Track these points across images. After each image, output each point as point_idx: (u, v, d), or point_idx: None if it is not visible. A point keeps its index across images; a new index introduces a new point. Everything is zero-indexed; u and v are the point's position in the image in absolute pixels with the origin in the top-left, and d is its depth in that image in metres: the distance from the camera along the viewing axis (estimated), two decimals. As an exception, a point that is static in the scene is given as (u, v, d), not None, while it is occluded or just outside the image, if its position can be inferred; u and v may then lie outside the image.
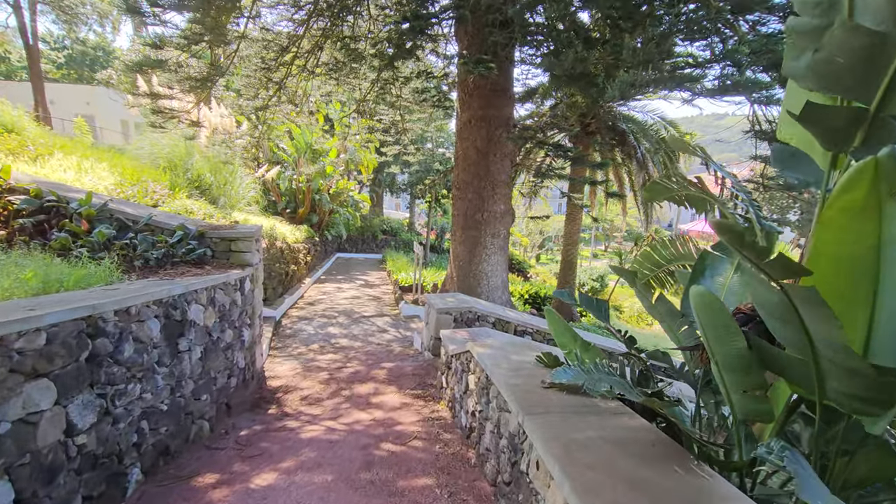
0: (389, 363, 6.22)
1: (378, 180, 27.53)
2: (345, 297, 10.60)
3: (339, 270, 15.34)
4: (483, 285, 9.22)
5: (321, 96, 14.71)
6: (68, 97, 23.08)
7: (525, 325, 6.49)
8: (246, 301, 5.05)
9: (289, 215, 15.69)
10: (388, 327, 8.17)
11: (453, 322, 6.17)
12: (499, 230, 9.33)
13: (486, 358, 3.26)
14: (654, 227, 14.13)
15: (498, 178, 9.14)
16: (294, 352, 6.66)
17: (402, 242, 22.84)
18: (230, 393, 4.48)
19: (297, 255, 11.19)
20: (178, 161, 10.50)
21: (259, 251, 5.65)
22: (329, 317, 8.59)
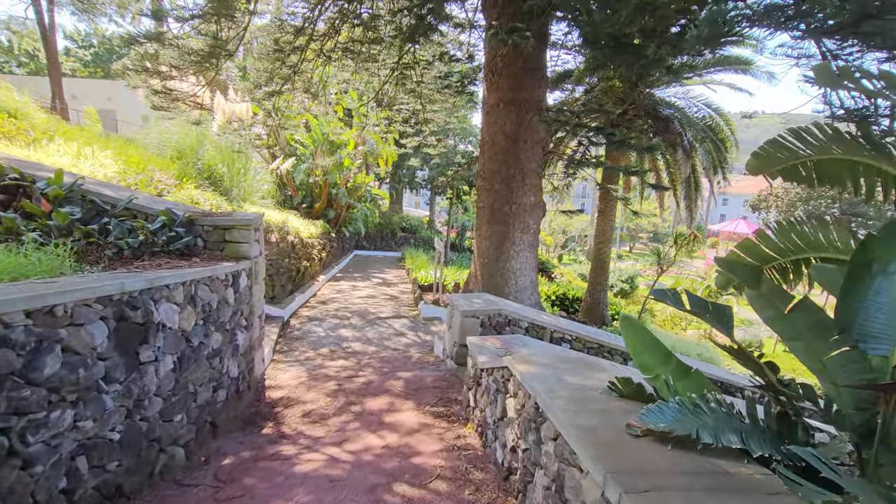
0: (407, 372, 5.45)
1: (397, 176, 26.91)
2: (360, 297, 9.89)
3: (355, 268, 14.69)
4: (510, 285, 8.37)
5: (338, 84, 14.08)
6: (91, 92, 23.10)
7: (563, 332, 5.63)
8: (241, 299, 4.34)
9: (305, 210, 15.11)
10: (406, 330, 7.41)
11: (480, 326, 5.36)
12: (528, 224, 8.46)
13: (535, 381, 2.44)
14: (697, 224, 13.02)
15: (528, 166, 8.28)
16: (301, 356, 5.94)
17: (422, 240, 22.10)
18: (217, 409, 3.76)
19: (311, 250, 10.53)
20: (189, 151, 9.98)
21: (260, 242, 4.95)
22: (342, 317, 7.88)
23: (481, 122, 8.78)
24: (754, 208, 61.11)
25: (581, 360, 2.96)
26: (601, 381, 2.47)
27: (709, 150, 9.89)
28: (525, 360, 2.87)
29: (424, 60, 10.37)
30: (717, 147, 9.99)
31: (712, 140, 10.02)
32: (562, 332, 5.65)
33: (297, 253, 9.18)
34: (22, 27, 23.96)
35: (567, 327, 5.71)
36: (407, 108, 12.73)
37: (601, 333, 6.27)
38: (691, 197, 10.55)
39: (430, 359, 6.07)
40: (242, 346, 4.42)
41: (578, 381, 2.45)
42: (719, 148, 10.00)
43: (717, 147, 10.01)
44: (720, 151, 10.05)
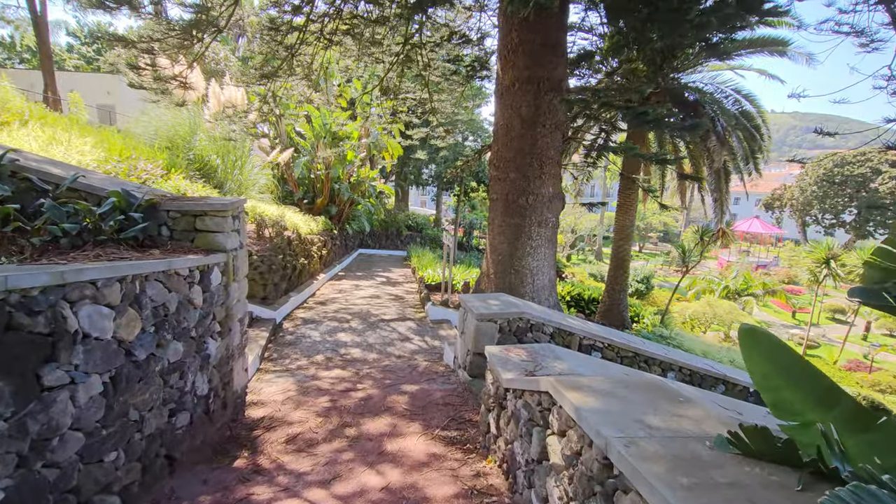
0: (412, 385, 4.69)
1: (403, 174, 26.19)
2: (362, 297, 9.14)
3: (359, 267, 13.96)
4: (527, 284, 7.59)
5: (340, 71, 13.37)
6: (90, 87, 22.58)
7: (593, 338, 4.85)
8: (213, 299, 3.60)
9: (306, 206, 14.41)
10: (412, 334, 6.66)
11: (498, 332, 4.59)
12: (546, 217, 7.68)
13: (598, 419, 1.66)
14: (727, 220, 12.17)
15: (546, 153, 7.49)
16: (292, 365, 5.20)
17: (429, 238, 21.37)
18: (176, 437, 3.02)
19: (310, 247, 9.81)
20: (180, 140, 9.32)
21: (240, 233, 4.21)
22: (341, 320, 7.14)
23: (494, 105, 8.01)
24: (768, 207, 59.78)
25: (651, 385, 2.17)
26: (696, 421, 1.69)
27: (742, 138, 9.05)
28: (575, 385, 2.09)
29: (432, 42, 9.61)
30: (750, 135, 9.15)
31: (745, 128, 9.17)
32: (592, 339, 4.87)
33: (294, 249, 8.46)
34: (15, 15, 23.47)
35: (598, 333, 4.92)
36: (413, 96, 11.97)
37: (635, 340, 5.48)
38: (721, 189, 9.70)
39: (439, 368, 5.31)
40: (215, 357, 3.68)
41: (665, 421, 1.67)
42: (753, 136, 9.15)
43: (751, 135, 9.16)
44: (754, 140, 9.20)
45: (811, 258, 14.42)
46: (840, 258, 13.90)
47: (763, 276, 25.49)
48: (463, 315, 4.96)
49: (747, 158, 9.96)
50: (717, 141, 8.70)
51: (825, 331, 25.41)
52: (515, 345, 3.66)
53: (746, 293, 22.78)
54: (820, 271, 14.04)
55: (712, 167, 8.99)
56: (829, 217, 48.77)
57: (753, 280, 23.24)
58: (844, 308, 29.64)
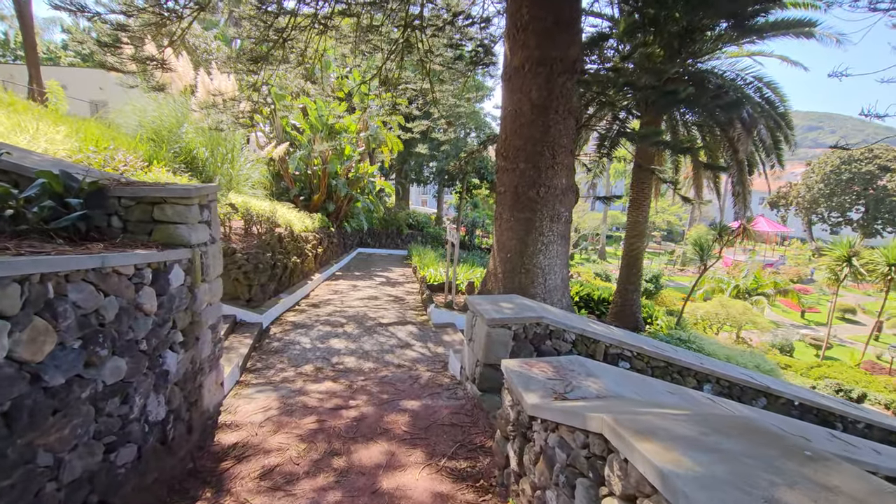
0: (413, 401, 4.07)
1: (404, 171, 25.59)
2: (359, 298, 8.53)
3: (357, 266, 13.35)
4: (538, 284, 6.97)
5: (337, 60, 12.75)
6: (82, 82, 22.03)
7: (621, 346, 4.23)
8: (173, 304, 2.98)
9: (303, 203, 13.80)
10: (413, 340, 6.04)
11: (512, 340, 3.97)
12: (559, 212, 7.06)
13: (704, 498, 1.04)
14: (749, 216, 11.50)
15: (559, 141, 6.87)
16: (276, 377, 4.58)
17: (430, 237, 20.76)
18: (115, 478, 2.40)
19: (304, 245, 9.20)
20: (166, 132, 8.74)
21: (211, 226, 3.60)
22: (335, 324, 6.52)
23: (502, 90, 7.39)
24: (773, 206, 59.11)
25: (751, 428, 1.54)
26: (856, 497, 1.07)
27: (767, 127, 8.41)
28: (645, 429, 1.47)
29: (434, 27, 8.98)
30: (775, 124, 8.51)
31: (770, 116, 8.53)
32: (619, 347, 4.25)
33: (286, 247, 7.84)
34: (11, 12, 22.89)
35: (625, 340, 4.30)
36: (413, 87, 11.35)
37: (665, 347, 4.85)
38: (744, 182, 9.07)
39: (443, 380, 4.69)
40: (177, 373, 3.06)
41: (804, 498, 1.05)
42: (779, 125, 8.51)
43: (776, 124, 8.52)
44: (780, 129, 8.56)
45: (831, 256, 13.79)
46: (862, 256, 13.27)
47: (773, 276, 24.82)
48: (471, 320, 4.34)
49: (769, 150, 9.31)
50: (743, 129, 8.06)
51: (836, 331, 24.77)
52: (538, 358, 3.04)
53: (757, 293, 22.13)
54: (841, 270, 13.41)
55: (735, 157, 8.34)
56: (836, 215, 48.09)
57: (764, 279, 22.59)
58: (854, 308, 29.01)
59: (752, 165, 9.01)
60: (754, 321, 15.58)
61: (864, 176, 44.52)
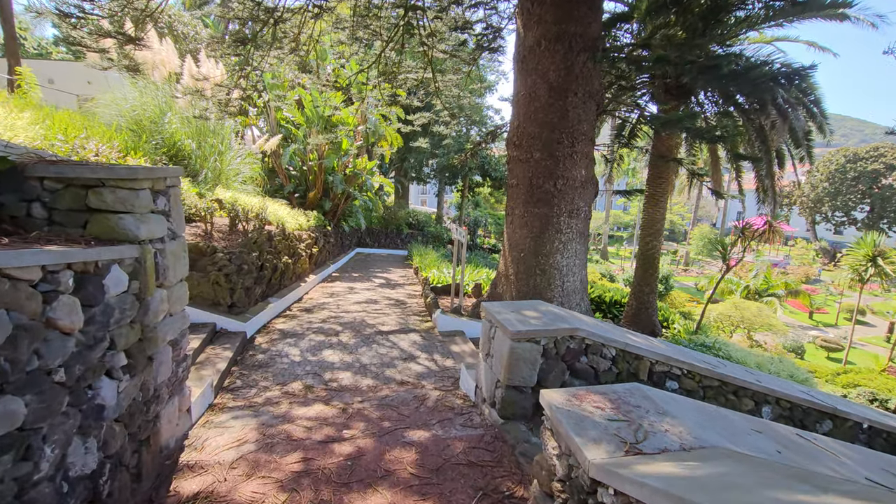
0: (421, 430, 3.37)
1: (403, 169, 24.88)
2: (357, 302, 7.82)
3: (355, 267, 12.65)
4: (555, 287, 6.28)
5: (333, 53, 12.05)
6: (71, 76, 21.31)
7: (668, 362, 3.54)
8: (110, 318, 2.27)
9: (298, 200, 13.10)
10: (417, 351, 5.33)
11: (541, 356, 3.27)
12: (578, 206, 6.37)
13: None
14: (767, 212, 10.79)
15: (578, 128, 6.19)
16: (258, 398, 3.88)
17: (431, 236, 20.07)
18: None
19: (297, 245, 8.50)
20: (148, 121, 8.06)
21: (170, 217, 2.90)
22: (329, 332, 5.81)
23: (514, 73, 6.71)
24: (776, 205, 58.46)
25: None
26: None
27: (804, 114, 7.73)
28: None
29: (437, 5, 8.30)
30: (810, 113, 7.83)
31: (802, 103, 7.85)
32: (667, 364, 3.55)
33: (276, 246, 7.14)
34: None
35: (670, 354, 3.60)
36: (414, 76, 10.65)
37: (713, 361, 4.16)
38: (773, 175, 8.38)
39: (455, 401, 3.99)
40: (117, 406, 2.36)
41: None
42: (813, 113, 7.83)
43: (811, 113, 7.84)
44: (814, 118, 7.87)
45: (854, 255, 13.15)
46: (888, 255, 12.63)
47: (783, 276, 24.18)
48: (489, 331, 3.64)
49: (798, 141, 8.62)
50: (779, 115, 7.37)
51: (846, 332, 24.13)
52: (587, 387, 2.35)
53: (768, 293, 21.47)
54: (865, 270, 12.77)
55: (765, 147, 7.65)
56: (839, 215, 47.53)
57: (774, 280, 21.93)
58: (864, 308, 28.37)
59: (781, 158, 8.33)
60: (770, 323, 14.90)
61: (869, 175, 43.96)
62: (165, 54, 9.03)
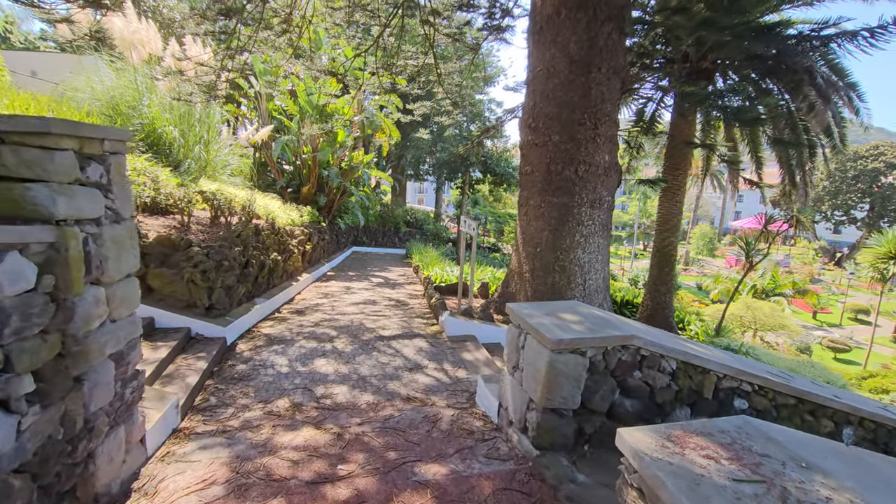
0: (436, 464, 2.69)
1: (400, 166, 24.18)
2: (354, 303, 7.13)
3: (351, 266, 11.95)
4: (576, 285, 5.62)
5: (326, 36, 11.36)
6: (53, 66, 20.51)
7: (737, 376, 2.88)
8: (2, 329, 1.59)
9: (291, 195, 12.37)
10: (424, 359, 4.65)
11: (587, 371, 2.60)
12: (601, 195, 5.72)
13: None
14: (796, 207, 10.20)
15: (601, 108, 5.53)
16: (234, 420, 3.19)
17: (430, 235, 19.39)
18: None
19: (288, 241, 7.80)
20: (124, 106, 7.36)
21: (109, 192, 2.20)
22: (322, 337, 5.12)
23: (529, 48, 6.04)
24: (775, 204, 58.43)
25: None
26: None
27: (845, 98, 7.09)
28: None
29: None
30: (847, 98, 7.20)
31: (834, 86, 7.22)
32: (736, 378, 2.89)
33: (264, 242, 6.45)
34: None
35: (739, 366, 2.94)
36: (414, 62, 9.96)
37: (785, 374, 3.50)
38: (803, 165, 7.75)
39: (473, 422, 3.31)
40: (17, 452, 1.66)
41: None
42: (850, 98, 7.20)
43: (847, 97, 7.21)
44: (851, 103, 7.25)
45: (875, 253, 12.61)
46: (912, 252, 12.10)
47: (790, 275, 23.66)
48: (517, 339, 2.96)
49: (829, 129, 8.00)
50: (819, 96, 6.74)
51: (851, 332, 23.66)
52: (681, 425, 1.68)
53: (775, 293, 20.93)
54: (887, 268, 12.22)
55: (795, 133, 7.00)
56: (839, 214, 47.24)
57: (781, 279, 21.40)
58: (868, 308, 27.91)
59: (812, 147, 7.71)
60: (783, 324, 14.33)
61: (869, 173, 43.62)
62: (145, 33, 8.30)
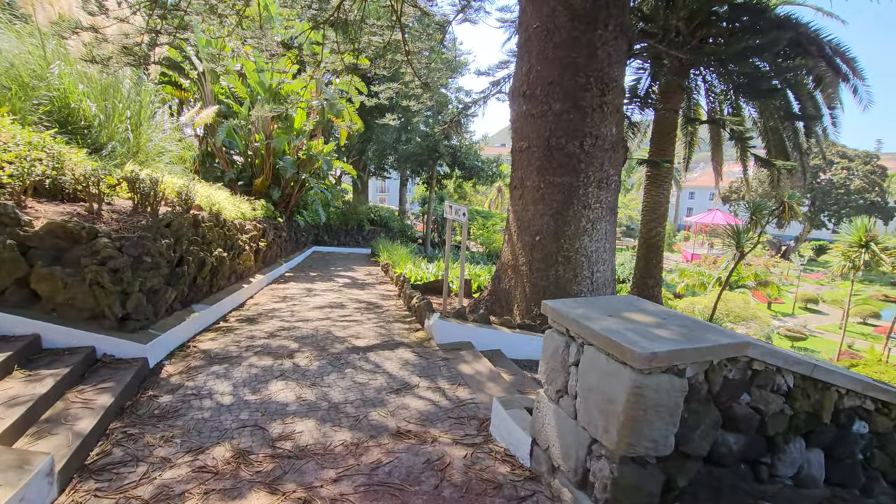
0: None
1: (362, 162, 22.92)
2: (318, 307, 6.06)
3: (313, 266, 10.77)
4: (583, 279, 4.82)
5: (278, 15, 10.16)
6: None
7: (865, 392, 2.10)
8: None
9: (242, 188, 11.02)
10: (413, 374, 3.69)
11: (682, 400, 1.74)
12: (608, 174, 4.95)
13: None
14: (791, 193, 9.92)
15: (608, 72, 4.76)
16: (145, 484, 2.13)
17: (396, 233, 18.38)
18: None
19: (236, 236, 6.63)
20: (28, 75, 6.01)
21: None
22: (279, 352, 4.05)
23: (519, 3, 5.21)
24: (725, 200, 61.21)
25: None
26: None
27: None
28: None
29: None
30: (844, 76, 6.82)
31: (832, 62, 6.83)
32: (861, 395, 2.13)
33: (205, 235, 5.28)
34: None
35: (864, 379, 2.18)
36: (379, 38, 8.93)
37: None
38: (801, 148, 7.36)
39: (495, 467, 2.39)
40: None
41: None
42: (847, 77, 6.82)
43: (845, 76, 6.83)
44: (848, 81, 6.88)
45: (846, 241, 12.72)
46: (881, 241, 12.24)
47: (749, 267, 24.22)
48: (565, 353, 2.07)
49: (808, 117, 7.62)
50: (830, 67, 6.29)
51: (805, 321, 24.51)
52: None
53: (738, 285, 21.26)
54: (858, 256, 12.32)
55: (789, 114, 6.55)
56: (782, 209, 49.85)
57: (744, 271, 21.79)
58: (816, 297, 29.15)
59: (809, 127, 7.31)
60: (757, 317, 14.30)
61: (812, 169, 46.17)
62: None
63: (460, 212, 4.76)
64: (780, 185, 8.31)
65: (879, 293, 29.80)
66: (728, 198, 58.17)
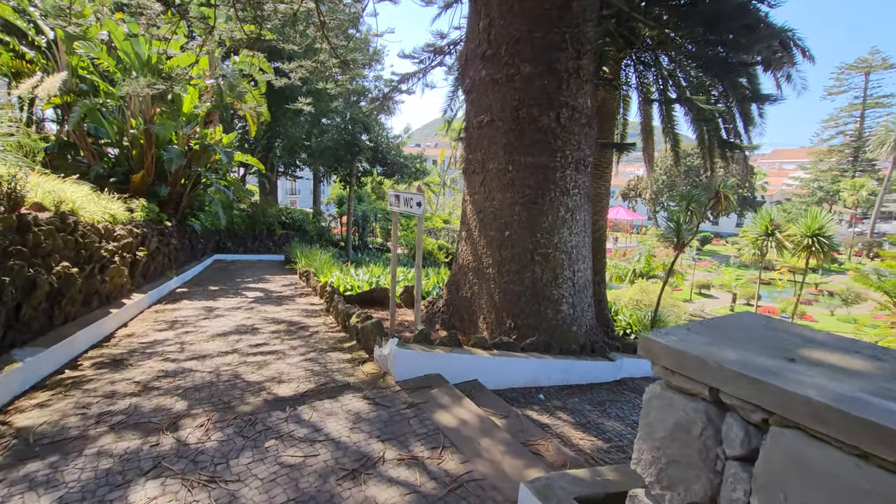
0: None
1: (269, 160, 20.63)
2: (219, 333, 4.58)
3: (213, 278, 8.94)
4: (564, 280, 3.97)
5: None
6: None
7: None
8: None
9: (115, 186, 8.81)
10: (370, 437, 2.52)
11: None
12: (585, 154, 4.16)
13: None
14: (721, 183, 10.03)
15: (583, 29, 3.96)
16: None
17: (315, 236, 16.65)
18: None
19: (99, 245, 4.90)
20: None
21: None
22: (153, 420, 2.65)
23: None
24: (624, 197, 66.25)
25: None
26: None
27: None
28: None
29: None
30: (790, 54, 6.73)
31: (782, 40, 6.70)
32: None
33: (40, 244, 3.62)
34: None
35: None
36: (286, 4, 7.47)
37: None
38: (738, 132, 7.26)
39: None
40: None
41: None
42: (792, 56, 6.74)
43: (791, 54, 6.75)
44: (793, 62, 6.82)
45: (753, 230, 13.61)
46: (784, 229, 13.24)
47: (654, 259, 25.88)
48: (714, 435, 1.09)
49: (741, 103, 7.59)
50: (781, 46, 6.11)
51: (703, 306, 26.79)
52: None
53: (650, 275, 22.46)
54: (765, 244, 13.20)
55: (736, 93, 6.35)
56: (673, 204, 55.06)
57: (654, 263, 23.13)
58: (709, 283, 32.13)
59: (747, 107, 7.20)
60: (678, 305, 14.90)
61: (696, 169, 51.40)
62: None
63: (412, 201, 3.66)
64: (713, 176, 8.28)
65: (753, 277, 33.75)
66: (627, 195, 63.04)
